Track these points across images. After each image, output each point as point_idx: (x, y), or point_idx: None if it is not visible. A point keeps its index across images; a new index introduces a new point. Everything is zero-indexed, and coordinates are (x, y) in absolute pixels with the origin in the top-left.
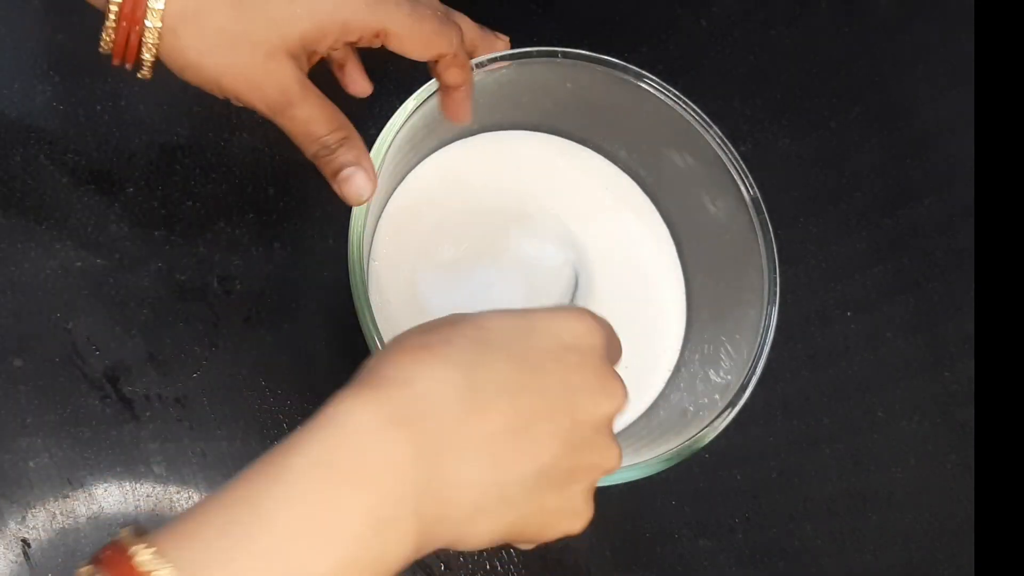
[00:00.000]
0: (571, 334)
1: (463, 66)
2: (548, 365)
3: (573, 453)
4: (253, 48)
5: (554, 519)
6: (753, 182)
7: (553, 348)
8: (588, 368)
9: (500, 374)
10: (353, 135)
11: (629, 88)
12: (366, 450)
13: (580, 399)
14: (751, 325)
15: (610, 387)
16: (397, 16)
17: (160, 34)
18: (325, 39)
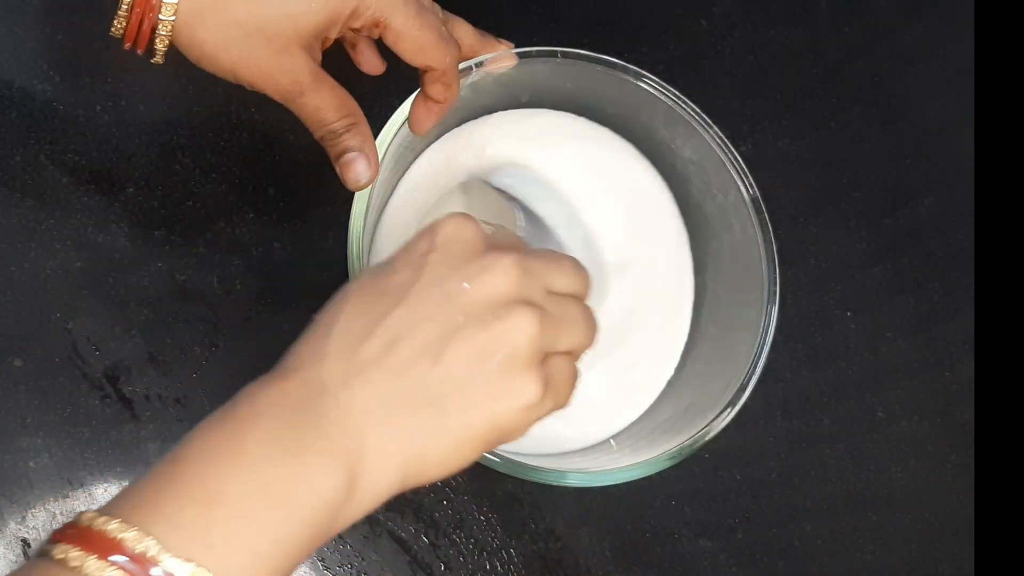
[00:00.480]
0: (429, 242)
1: (449, 86)
2: (410, 277)
3: (464, 332)
4: (268, 42)
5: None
6: (753, 182)
7: (414, 261)
8: (452, 257)
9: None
10: (361, 121)
11: (628, 87)
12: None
13: (448, 286)
14: (751, 324)
15: (483, 262)
16: (402, 13)
17: (174, 27)
18: (335, 26)
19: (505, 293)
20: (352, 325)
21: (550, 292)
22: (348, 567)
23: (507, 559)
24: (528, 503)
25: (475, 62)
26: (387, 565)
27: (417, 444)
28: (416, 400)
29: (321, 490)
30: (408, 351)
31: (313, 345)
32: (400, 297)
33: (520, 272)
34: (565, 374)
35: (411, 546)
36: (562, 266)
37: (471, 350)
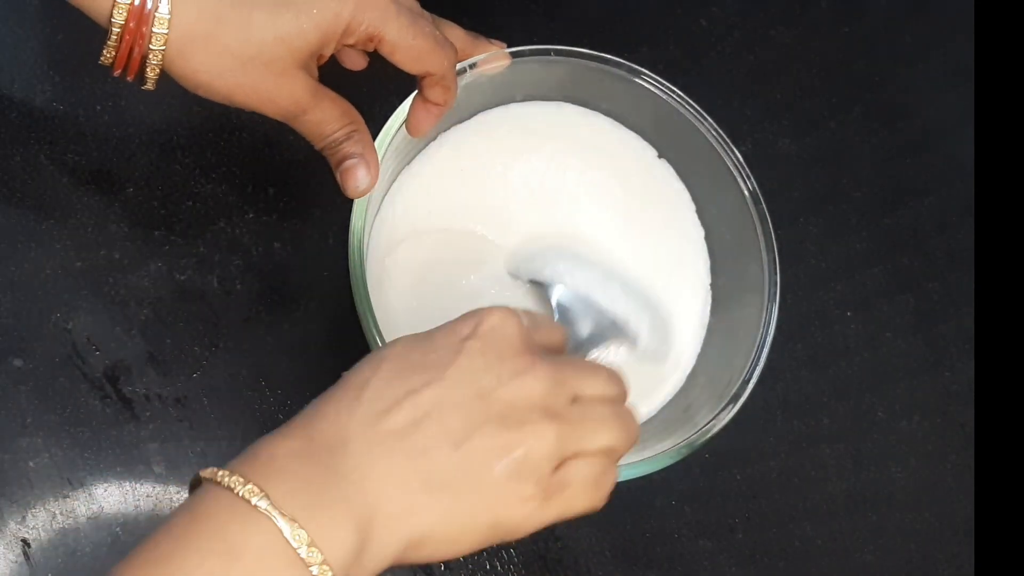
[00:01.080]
0: (472, 328)
1: (447, 88)
2: (446, 359)
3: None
4: (265, 67)
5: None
6: (751, 176)
7: (453, 343)
8: (492, 352)
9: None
10: (361, 128)
11: (624, 85)
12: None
13: (482, 379)
14: (751, 323)
15: (518, 365)
16: (395, 25)
17: (166, 56)
18: (330, 44)
19: (531, 400)
20: (383, 393)
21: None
22: None
23: (507, 559)
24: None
25: (468, 63)
26: None
27: (424, 523)
28: (432, 481)
29: (335, 549)
30: (432, 432)
31: (342, 405)
32: (434, 377)
33: (550, 382)
34: (587, 476)
35: None
36: (597, 375)
37: (490, 447)
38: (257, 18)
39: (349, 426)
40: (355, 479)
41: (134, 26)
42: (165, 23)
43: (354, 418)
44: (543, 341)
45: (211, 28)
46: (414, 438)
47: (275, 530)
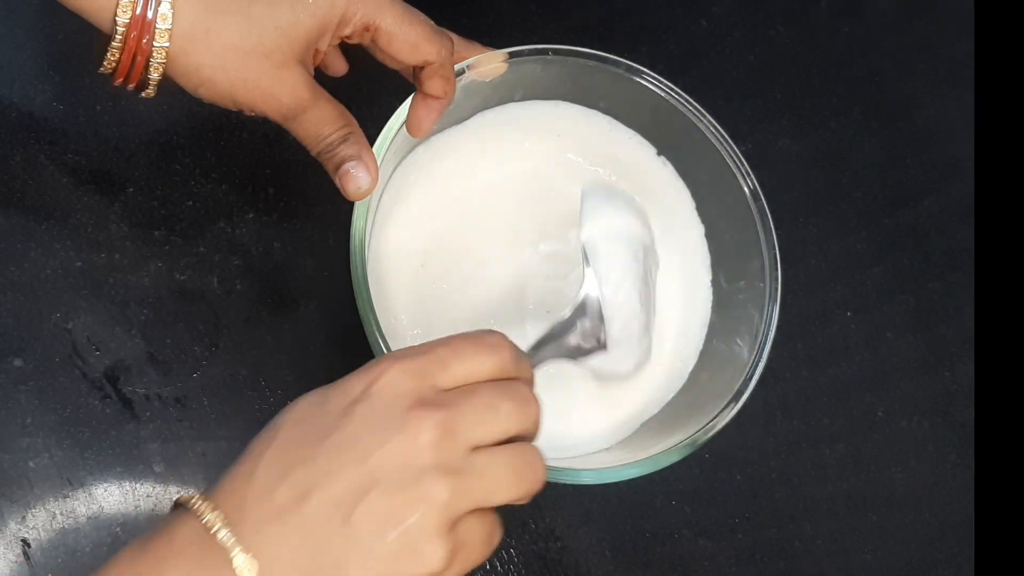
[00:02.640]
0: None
1: (447, 79)
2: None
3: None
4: (265, 60)
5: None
6: (751, 173)
7: (343, 406)
8: (377, 414)
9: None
10: (356, 130)
11: (622, 83)
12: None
13: (364, 444)
14: (752, 322)
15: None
16: (390, 13)
17: (169, 54)
18: (326, 35)
19: (420, 457)
20: (273, 466)
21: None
22: None
23: (507, 559)
24: (528, 503)
25: (466, 64)
26: None
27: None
28: (323, 559)
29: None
30: (320, 505)
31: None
32: (318, 446)
33: (441, 434)
34: (479, 535)
35: None
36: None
37: (377, 515)
38: (256, 11)
39: (244, 503)
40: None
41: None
42: (169, 18)
43: (248, 494)
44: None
45: (212, 23)
46: (303, 513)
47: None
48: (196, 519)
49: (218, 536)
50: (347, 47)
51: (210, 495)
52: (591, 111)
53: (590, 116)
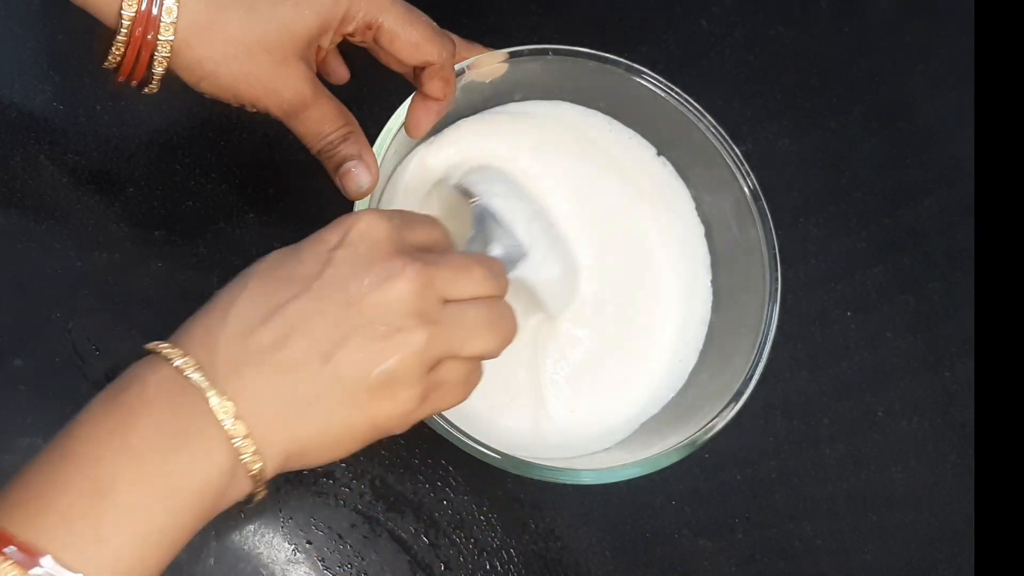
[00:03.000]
0: (340, 236)
1: (447, 80)
2: (314, 270)
3: (355, 338)
4: (268, 54)
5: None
6: (751, 172)
7: (321, 254)
8: (360, 259)
9: (262, 298)
10: (356, 130)
11: (621, 83)
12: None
13: (349, 287)
14: (752, 322)
15: (387, 268)
16: (392, 13)
17: (173, 47)
18: (327, 33)
19: (402, 303)
20: (249, 310)
21: (452, 300)
22: (348, 567)
23: (507, 559)
24: (528, 503)
25: (466, 64)
26: (387, 565)
27: (299, 438)
28: (302, 397)
29: (207, 476)
30: (300, 346)
31: (209, 325)
32: (301, 289)
33: (421, 283)
34: (457, 377)
35: (411, 546)
36: (471, 272)
37: (360, 356)
38: (260, 6)
39: (217, 347)
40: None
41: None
42: (174, 11)
43: (221, 338)
44: (419, 240)
45: (216, 16)
46: (282, 353)
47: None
48: (166, 364)
49: (191, 379)
50: (348, 49)
51: (177, 342)
52: (591, 111)
53: (590, 116)
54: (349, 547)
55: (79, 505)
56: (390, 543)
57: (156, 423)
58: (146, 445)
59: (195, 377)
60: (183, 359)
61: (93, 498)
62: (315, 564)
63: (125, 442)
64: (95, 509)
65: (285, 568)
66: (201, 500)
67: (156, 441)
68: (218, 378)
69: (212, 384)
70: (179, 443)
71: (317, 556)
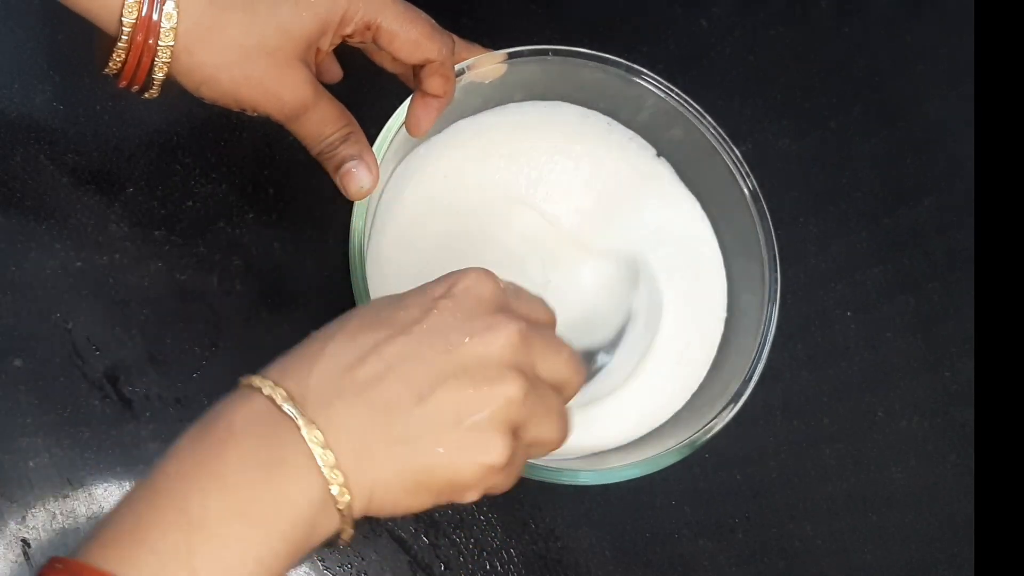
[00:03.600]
0: (446, 288)
1: (447, 77)
2: (416, 316)
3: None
4: (268, 57)
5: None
6: (750, 171)
7: (425, 302)
8: (463, 309)
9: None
10: (356, 130)
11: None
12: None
13: (451, 335)
14: (752, 323)
15: (491, 322)
16: (391, 12)
17: (174, 53)
18: (327, 34)
19: (501, 357)
20: (345, 349)
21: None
22: (348, 567)
23: (507, 559)
24: (528, 503)
25: (465, 64)
26: (387, 565)
27: (385, 478)
28: (391, 435)
29: (297, 505)
30: (395, 386)
31: (304, 360)
32: (401, 331)
33: (521, 342)
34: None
35: (411, 546)
36: (561, 353)
37: (456, 401)
38: (259, 8)
39: (310, 380)
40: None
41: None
42: (174, 17)
43: (315, 371)
44: (523, 310)
45: (215, 20)
46: (376, 391)
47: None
48: (256, 395)
49: (282, 408)
50: (345, 50)
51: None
52: (591, 111)
53: (590, 117)
54: (349, 547)
55: (171, 539)
56: (390, 543)
57: (245, 453)
58: (235, 475)
59: (286, 407)
60: (274, 389)
61: (185, 532)
62: (315, 564)
63: (214, 474)
64: (187, 542)
65: None
66: (294, 530)
67: (245, 471)
68: (308, 408)
69: (302, 413)
70: (268, 472)
71: (316, 556)
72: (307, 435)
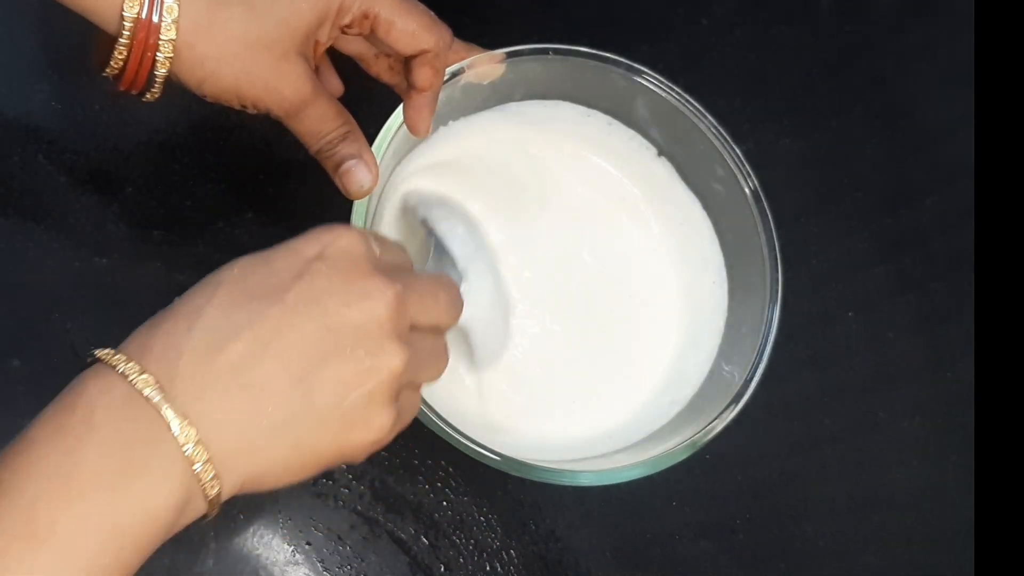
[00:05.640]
0: (319, 249)
1: (437, 70)
2: (287, 282)
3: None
4: (268, 51)
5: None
6: (751, 171)
7: (296, 264)
8: (337, 272)
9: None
10: (355, 129)
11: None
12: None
13: (327, 303)
14: (753, 323)
15: (367, 287)
16: (388, 1)
17: (175, 47)
18: (324, 26)
19: (381, 325)
20: (216, 323)
21: (415, 327)
22: (348, 568)
23: (507, 560)
24: (528, 504)
25: (464, 64)
26: (387, 566)
27: (262, 462)
28: (270, 420)
29: (158, 510)
30: (271, 367)
31: (170, 338)
32: (274, 301)
33: (397, 307)
34: (413, 403)
35: (411, 547)
36: (438, 298)
37: (336, 380)
38: (258, 2)
39: (179, 364)
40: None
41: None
42: (175, 10)
43: (184, 353)
44: (391, 261)
45: (215, 15)
46: (252, 373)
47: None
48: (120, 381)
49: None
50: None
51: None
52: (591, 111)
53: (590, 116)
54: (349, 548)
55: (14, 551)
56: (390, 544)
57: (104, 455)
58: (92, 481)
59: (155, 398)
60: (140, 376)
61: (30, 543)
62: (314, 565)
63: (68, 477)
64: (31, 555)
65: (284, 569)
66: (149, 536)
67: (103, 477)
68: (178, 398)
69: (172, 405)
70: (129, 478)
71: (316, 557)
72: (178, 433)
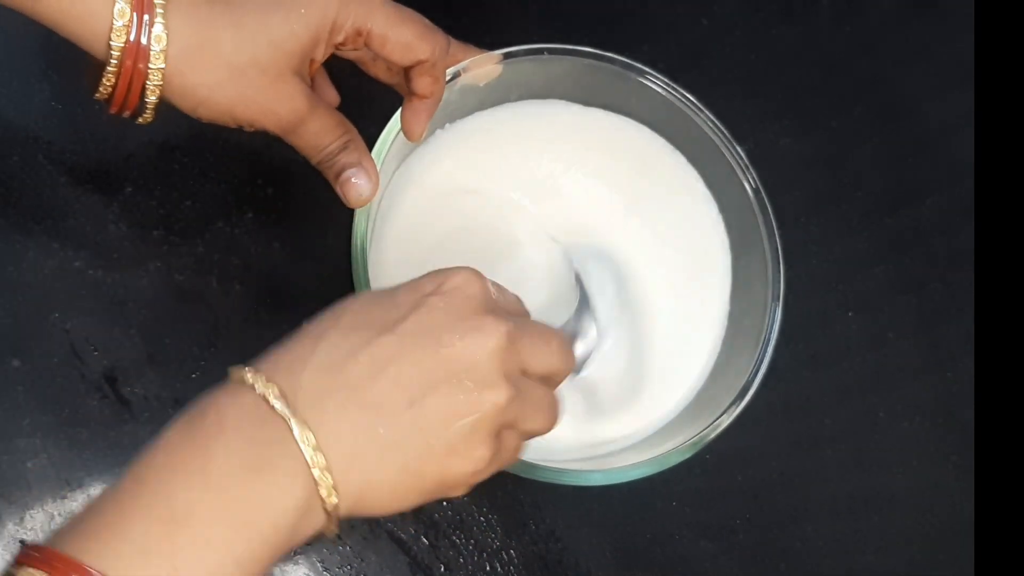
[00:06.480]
0: (436, 285)
1: (436, 78)
2: (405, 314)
3: (442, 389)
4: (262, 74)
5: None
6: (752, 171)
7: (415, 299)
8: (453, 309)
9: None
10: (355, 137)
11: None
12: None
13: (442, 336)
14: (755, 323)
15: (480, 324)
16: (381, 16)
17: (165, 75)
18: (320, 45)
19: (491, 360)
20: (338, 345)
21: (525, 372)
22: (348, 568)
23: (507, 560)
24: (528, 504)
25: (460, 67)
26: (386, 566)
27: (372, 482)
28: (382, 438)
29: (283, 508)
30: (387, 388)
31: (295, 356)
32: (392, 330)
33: (509, 344)
34: (513, 447)
35: (411, 547)
36: (550, 344)
37: (445, 406)
38: (248, 24)
39: (301, 378)
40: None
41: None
42: (163, 39)
43: (307, 369)
44: (507, 306)
45: (205, 40)
46: (369, 393)
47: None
48: (247, 391)
49: (274, 407)
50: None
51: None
52: (590, 109)
53: (589, 115)
54: (348, 548)
55: (154, 535)
56: (389, 544)
57: (234, 452)
58: (223, 475)
59: (278, 405)
60: (266, 386)
61: (169, 528)
62: (314, 565)
63: (202, 470)
64: (171, 540)
65: (284, 569)
66: (276, 533)
67: (234, 471)
68: (300, 408)
69: (294, 413)
70: (257, 475)
71: (316, 557)
72: (299, 436)
